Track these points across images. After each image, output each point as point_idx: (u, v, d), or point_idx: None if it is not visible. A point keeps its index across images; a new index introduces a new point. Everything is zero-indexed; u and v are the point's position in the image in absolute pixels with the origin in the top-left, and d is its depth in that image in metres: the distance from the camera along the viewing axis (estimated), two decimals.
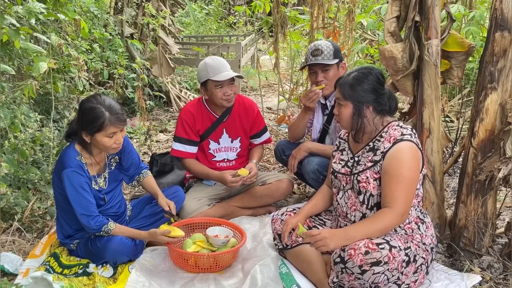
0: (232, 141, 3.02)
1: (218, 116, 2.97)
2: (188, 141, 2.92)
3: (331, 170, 2.27)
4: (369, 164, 2.08)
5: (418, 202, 2.14)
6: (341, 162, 2.23)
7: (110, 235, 2.29)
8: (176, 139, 2.94)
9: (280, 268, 2.28)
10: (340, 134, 2.36)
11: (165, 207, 2.48)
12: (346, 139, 2.30)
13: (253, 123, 3.06)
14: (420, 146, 2.07)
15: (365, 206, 2.10)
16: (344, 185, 2.18)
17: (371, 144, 2.12)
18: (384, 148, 2.04)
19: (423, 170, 2.10)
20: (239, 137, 3.04)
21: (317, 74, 2.81)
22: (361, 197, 2.10)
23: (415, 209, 2.12)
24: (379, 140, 2.09)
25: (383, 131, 2.10)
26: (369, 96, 2.06)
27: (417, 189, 2.07)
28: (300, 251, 2.24)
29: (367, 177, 2.07)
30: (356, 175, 2.11)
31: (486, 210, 2.39)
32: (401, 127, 2.08)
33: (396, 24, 2.53)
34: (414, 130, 2.10)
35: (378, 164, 2.05)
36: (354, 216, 2.14)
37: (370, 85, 2.06)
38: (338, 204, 2.22)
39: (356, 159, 2.16)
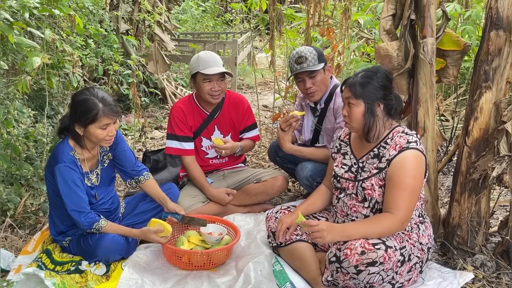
0: (223, 138, 3.01)
1: (209, 113, 2.96)
2: (184, 138, 2.91)
3: (333, 173, 2.26)
4: (374, 171, 2.07)
5: (421, 204, 2.14)
6: (344, 166, 2.21)
7: (102, 233, 2.28)
8: (172, 137, 2.91)
9: (274, 265, 2.27)
10: (340, 136, 2.34)
11: (180, 211, 2.49)
12: (348, 142, 2.27)
13: (243, 118, 3.04)
14: (424, 152, 2.06)
15: (369, 209, 2.10)
16: (346, 189, 2.17)
17: (375, 150, 2.11)
18: (390, 155, 2.03)
19: (426, 174, 2.09)
20: (230, 133, 3.04)
21: (304, 81, 2.74)
22: (366, 203, 2.10)
23: (416, 210, 2.12)
24: (384, 147, 2.08)
25: (388, 138, 2.09)
26: (380, 93, 2.06)
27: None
28: (294, 248, 2.24)
29: (372, 184, 2.06)
30: (361, 182, 2.10)
31: (480, 208, 2.40)
32: (406, 134, 2.07)
33: (392, 22, 2.52)
34: (418, 136, 2.09)
35: (384, 171, 2.04)
36: (356, 218, 2.13)
37: (380, 83, 2.06)
38: (338, 202, 2.22)
39: (361, 164, 2.15)
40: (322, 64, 2.72)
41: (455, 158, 2.58)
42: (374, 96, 2.05)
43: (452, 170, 3.37)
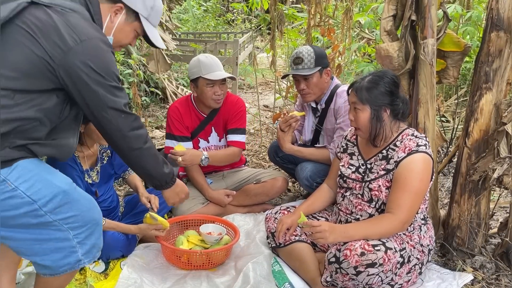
0: (220, 140, 3.00)
1: (205, 116, 2.93)
2: (182, 137, 2.90)
3: (339, 173, 2.25)
4: (382, 172, 2.07)
5: (425, 207, 2.14)
6: (351, 167, 2.21)
7: None
8: (170, 137, 2.91)
9: (273, 266, 2.28)
10: (346, 136, 2.34)
11: (146, 204, 2.47)
12: (355, 143, 2.27)
13: (234, 117, 2.94)
14: (432, 156, 2.05)
15: (374, 209, 2.10)
16: (353, 189, 2.17)
17: (384, 151, 2.10)
18: (398, 157, 2.02)
19: (432, 178, 2.08)
20: (224, 134, 3.02)
21: (299, 82, 2.75)
22: (372, 204, 2.09)
23: (421, 213, 2.11)
24: (393, 150, 2.07)
25: (397, 140, 2.08)
26: (386, 99, 2.03)
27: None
28: (293, 249, 2.24)
29: (379, 185, 2.06)
30: (368, 183, 2.10)
31: (480, 210, 2.40)
32: (416, 137, 2.06)
33: (393, 23, 2.52)
34: (427, 139, 2.08)
35: (391, 172, 2.04)
36: (361, 216, 2.13)
37: (387, 88, 2.04)
38: (344, 200, 2.21)
39: (369, 166, 2.14)
40: (317, 68, 2.70)
41: (455, 159, 2.58)
42: (381, 102, 2.03)
43: (452, 171, 3.36)
